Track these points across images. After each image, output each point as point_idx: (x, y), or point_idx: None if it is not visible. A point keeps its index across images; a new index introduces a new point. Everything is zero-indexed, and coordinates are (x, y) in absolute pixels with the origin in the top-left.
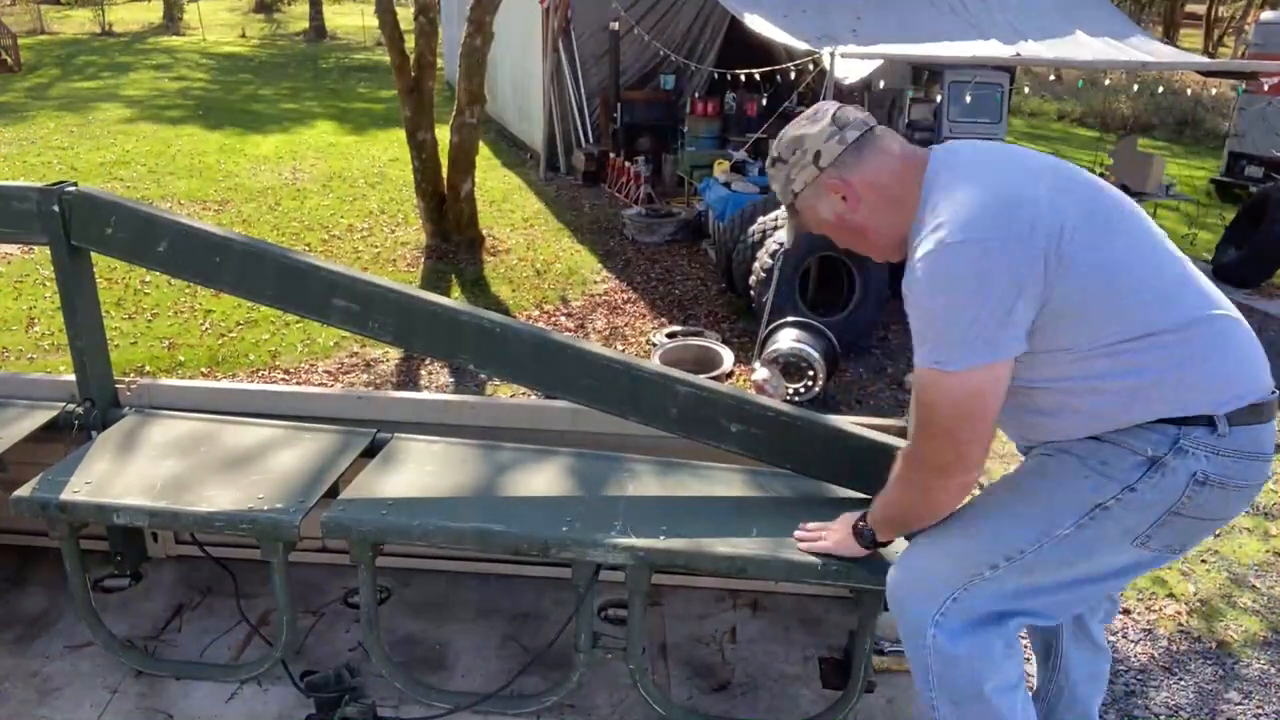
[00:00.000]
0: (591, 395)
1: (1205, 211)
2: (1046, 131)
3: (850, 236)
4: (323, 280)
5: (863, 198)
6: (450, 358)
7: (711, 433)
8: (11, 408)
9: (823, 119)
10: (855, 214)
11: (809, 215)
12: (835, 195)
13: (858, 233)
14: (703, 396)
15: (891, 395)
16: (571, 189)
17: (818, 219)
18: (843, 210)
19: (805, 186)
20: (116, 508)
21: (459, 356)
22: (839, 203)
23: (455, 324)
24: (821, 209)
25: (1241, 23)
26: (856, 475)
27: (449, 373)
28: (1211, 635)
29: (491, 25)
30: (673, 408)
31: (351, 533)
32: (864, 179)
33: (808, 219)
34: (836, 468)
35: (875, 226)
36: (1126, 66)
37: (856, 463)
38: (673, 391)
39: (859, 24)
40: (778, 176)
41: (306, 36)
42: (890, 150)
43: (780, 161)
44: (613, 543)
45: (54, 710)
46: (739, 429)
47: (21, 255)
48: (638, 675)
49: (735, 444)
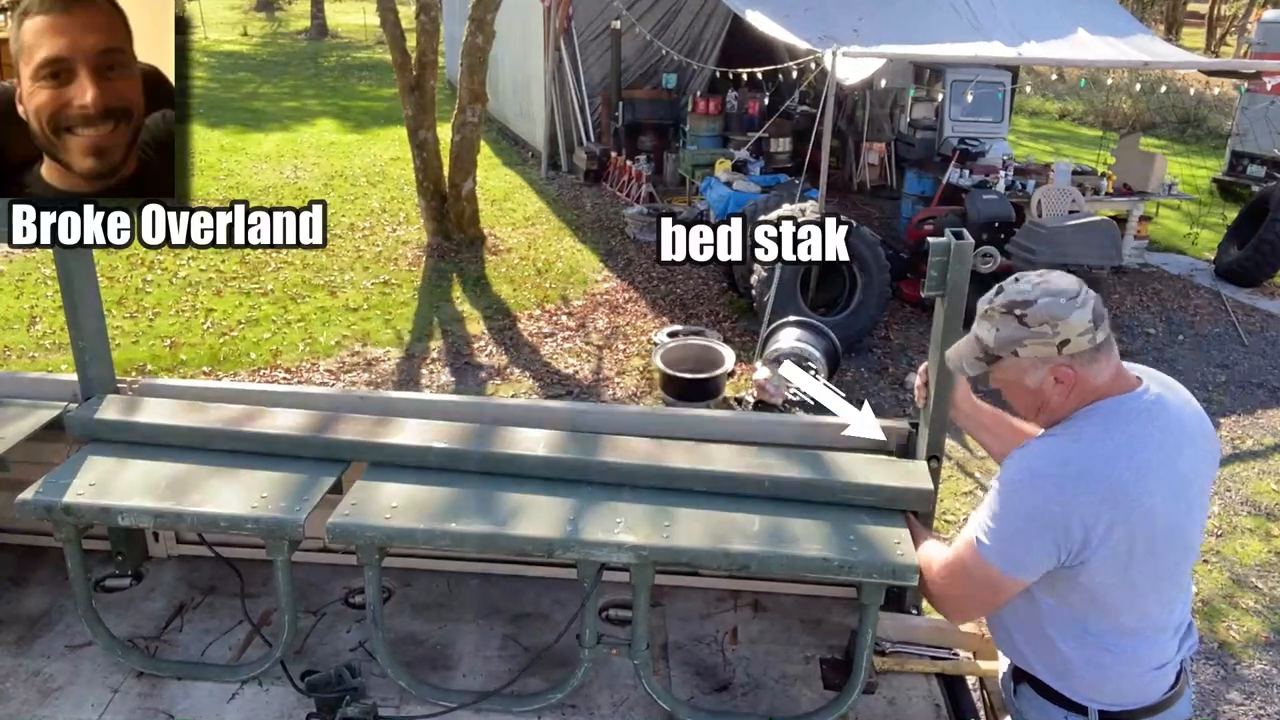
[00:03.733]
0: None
1: (1207, 210)
2: (1049, 131)
3: (1025, 398)
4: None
5: (1073, 389)
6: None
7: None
8: (13, 407)
9: (1084, 308)
10: (1054, 394)
11: (1009, 374)
12: (1046, 377)
13: (1039, 401)
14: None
15: (892, 394)
16: (573, 188)
17: (1012, 380)
18: (1049, 389)
19: (1033, 360)
20: (120, 509)
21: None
22: (1051, 383)
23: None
24: (1029, 379)
25: (1244, 22)
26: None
27: (450, 372)
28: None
29: (493, 24)
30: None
31: (358, 538)
32: (1086, 376)
33: (1002, 375)
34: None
35: (1058, 405)
36: (1129, 65)
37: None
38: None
39: (861, 23)
40: (1005, 331)
41: (308, 34)
42: (1112, 358)
43: (1020, 323)
44: (617, 542)
45: (55, 710)
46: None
47: (23, 255)
48: (642, 671)
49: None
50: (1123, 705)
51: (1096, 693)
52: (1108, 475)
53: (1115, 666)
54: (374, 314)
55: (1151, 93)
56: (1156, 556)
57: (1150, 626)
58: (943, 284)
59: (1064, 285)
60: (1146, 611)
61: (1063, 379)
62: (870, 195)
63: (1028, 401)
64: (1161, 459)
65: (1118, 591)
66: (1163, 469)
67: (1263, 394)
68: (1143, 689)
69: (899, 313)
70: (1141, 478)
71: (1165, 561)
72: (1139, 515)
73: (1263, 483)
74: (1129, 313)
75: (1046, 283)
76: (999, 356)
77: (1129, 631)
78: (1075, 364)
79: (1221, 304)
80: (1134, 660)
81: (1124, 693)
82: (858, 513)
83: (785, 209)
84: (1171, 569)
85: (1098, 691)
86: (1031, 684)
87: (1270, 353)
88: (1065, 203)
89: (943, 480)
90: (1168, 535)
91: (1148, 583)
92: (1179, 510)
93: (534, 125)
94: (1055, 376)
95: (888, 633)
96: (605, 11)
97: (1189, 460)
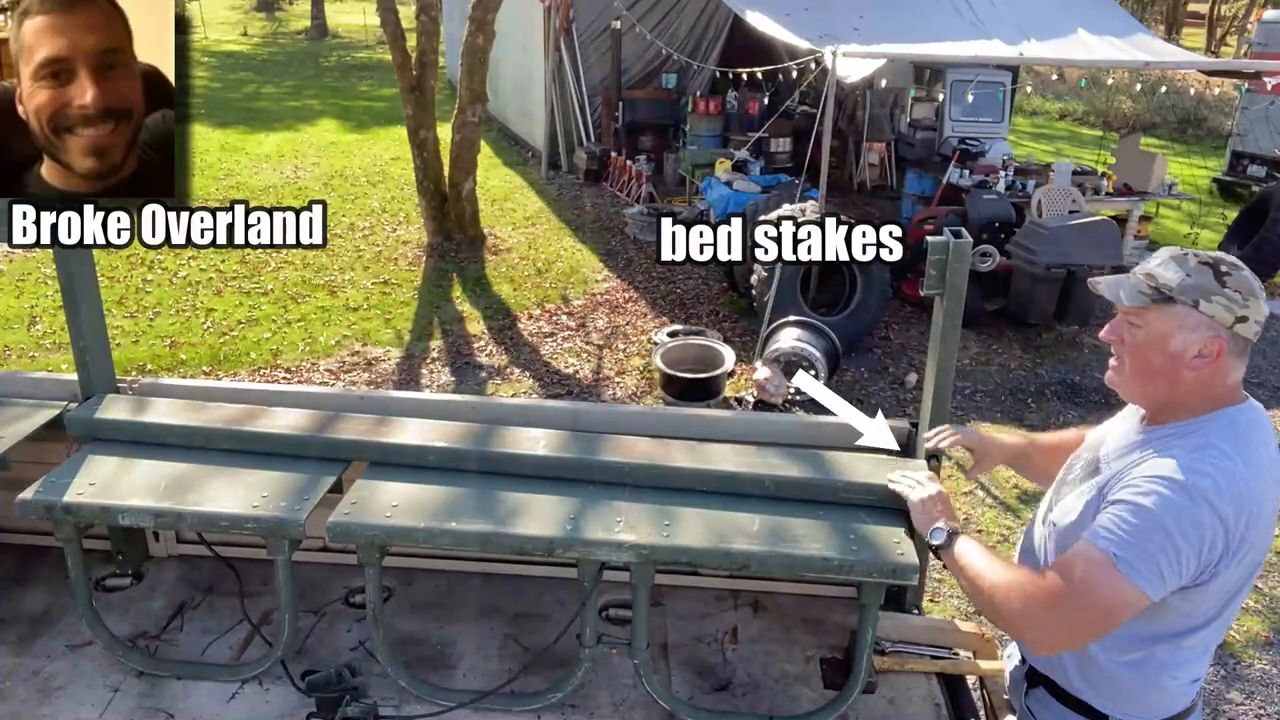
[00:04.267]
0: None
1: (1207, 210)
2: (1049, 130)
3: (1154, 359)
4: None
5: (1206, 368)
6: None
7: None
8: (14, 406)
9: (1267, 308)
10: (1189, 368)
11: (1164, 324)
12: (1200, 345)
13: (1169, 367)
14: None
15: (893, 395)
16: (573, 188)
17: (1161, 332)
18: (1189, 359)
19: (1204, 320)
20: (121, 509)
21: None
22: (1195, 353)
23: None
24: (1179, 340)
25: (1244, 22)
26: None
27: (450, 371)
28: None
29: (493, 24)
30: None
31: (358, 537)
32: (1226, 367)
33: (1154, 323)
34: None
35: (1181, 383)
36: (1129, 65)
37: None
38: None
39: (861, 22)
40: (1199, 279)
41: (308, 35)
42: (1243, 366)
43: (1218, 278)
44: (617, 541)
45: (56, 709)
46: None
47: (23, 255)
48: (642, 670)
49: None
50: (1148, 716)
51: (1128, 704)
52: (1261, 496)
53: (1162, 681)
54: (374, 314)
55: (1152, 93)
56: (1247, 581)
57: (1204, 645)
58: (942, 283)
59: (1256, 279)
60: (1213, 634)
61: (1208, 354)
62: (870, 195)
63: (1154, 364)
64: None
65: (1206, 613)
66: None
67: (1263, 394)
68: (1173, 700)
69: (899, 313)
70: (1275, 500)
71: (1249, 585)
72: (1266, 540)
73: None
74: None
75: (1243, 265)
76: (1173, 300)
77: (1187, 648)
78: (1231, 346)
79: None
80: (1176, 674)
81: (1152, 706)
82: (858, 512)
83: (785, 209)
84: (1243, 590)
85: (1131, 703)
86: (1048, 687)
87: (1270, 353)
88: (1065, 203)
89: (943, 480)
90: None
91: (1231, 607)
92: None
93: (534, 125)
94: (1204, 348)
95: (888, 632)
96: (605, 11)
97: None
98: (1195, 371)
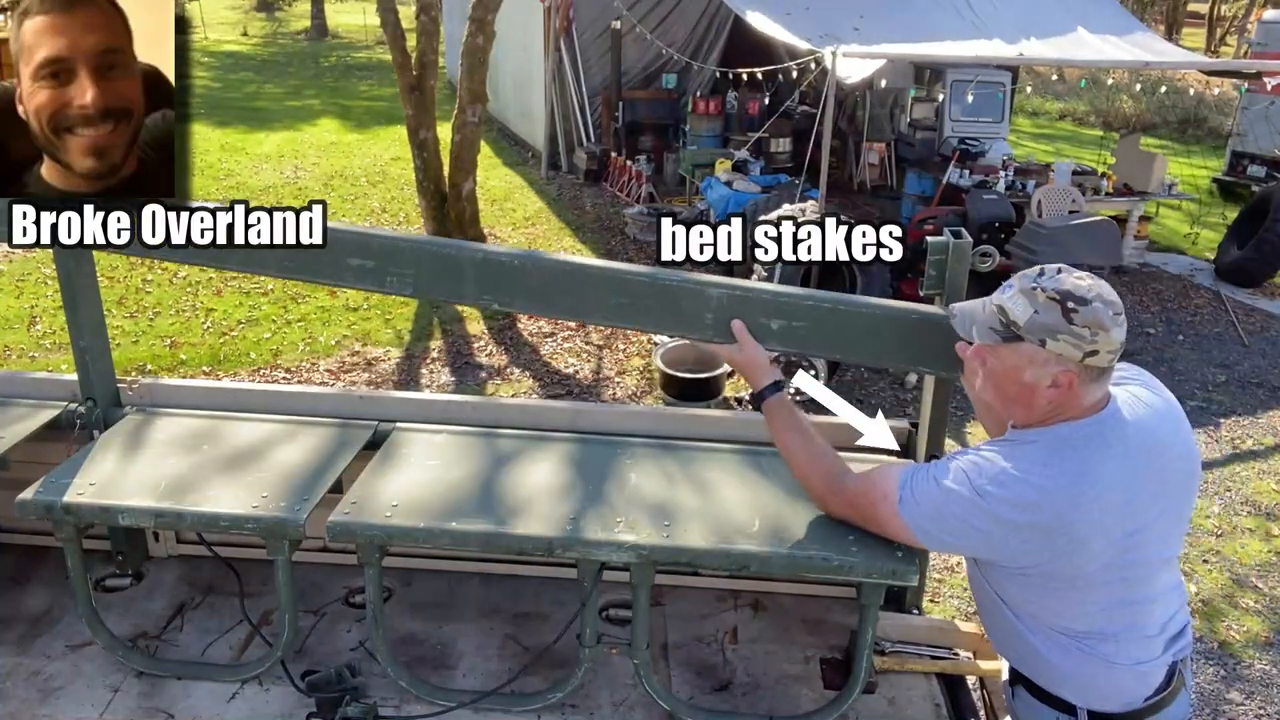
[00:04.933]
0: (623, 314)
1: (1208, 211)
2: (1050, 130)
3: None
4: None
5: (1061, 396)
6: (473, 300)
7: (755, 334)
8: (14, 407)
9: (1121, 329)
10: (1044, 396)
11: (1014, 359)
12: (1050, 379)
13: (1025, 398)
14: (738, 295)
15: (892, 394)
16: (573, 188)
17: (1013, 366)
18: (1043, 390)
19: (1053, 356)
20: (121, 509)
21: (482, 298)
22: (1046, 384)
23: (471, 264)
24: (1031, 373)
25: (1244, 22)
26: (905, 351)
27: (450, 372)
28: (1213, 635)
29: (493, 24)
30: (708, 313)
31: (358, 537)
32: (1081, 393)
33: (1005, 358)
34: (883, 348)
35: (1033, 409)
36: (1129, 65)
37: (903, 338)
38: (706, 296)
39: (861, 22)
40: (1046, 317)
41: (308, 35)
42: (1107, 382)
43: (1065, 316)
44: (617, 541)
45: (56, 709)
46: (780, 325)
47: (23, 255)
48: (642, 670)
49: (779, 342)
50: (1107, 707)
51: (1085, 693)
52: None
53: (1089, 665)
54: (374, 314)
55: (1152, 93)
56: (1112, 576)
57: (1126, 631)
58: (942, 283)
59: (1113, 298)
60: (1113, 620)
61: (1061, 384)
62: (870, 195)
63: (1012, 393)
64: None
65: (1074, 606)
66: (1111, 495)
67: (1263, 394)
68: (1126, 688)
69: None
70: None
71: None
72: (1076, 546)
73: (1263, 483)
74: (1129, 312)
75: (1100, 287)
76: (1021, 338)
77: (1104, 636)
78: (1082, 376)
79: (1222, 304)
80: (1113, 659)
81: (1105, 693)
82: None
83: (785, 209)
84: (1140, 582)
85: (1082, 692)
86: (1025, 686)
87: (1270, 353)
88: (1065, 203)
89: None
90: (1123, 554)
91: (1109, 598)
92: (1138, 527)
93: (534, 125)
94: (1056, 380)
95: (888, 633)
96: (606, 12)
97: (1155, 472)
98: (1052, 397)
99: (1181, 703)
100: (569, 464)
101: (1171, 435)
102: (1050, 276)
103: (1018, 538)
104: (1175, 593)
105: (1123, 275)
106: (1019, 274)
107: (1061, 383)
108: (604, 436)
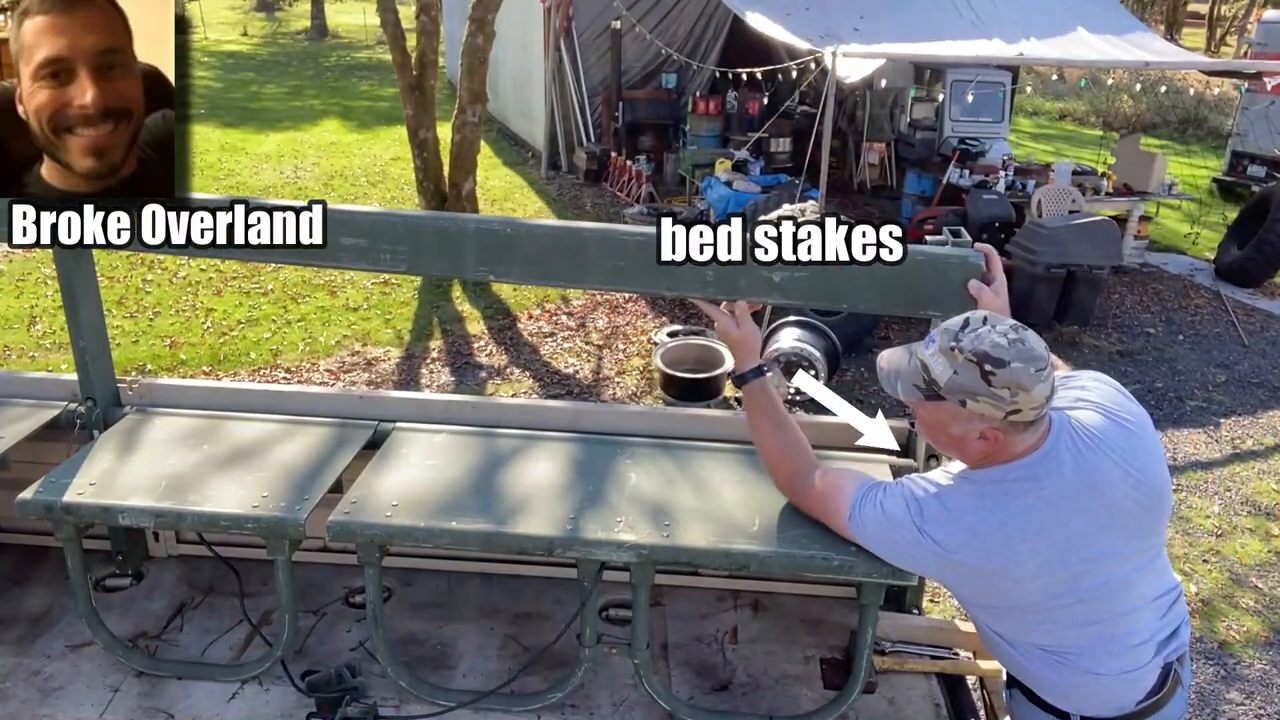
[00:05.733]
0: (619, 277)
1: (1207, 211)
2: (1050, 130)
3: (941, 441)
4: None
5: (992, 450)
6: (468, 273)
7: (756, 289)
8: (13, 406)
9: (1045, 383)
10: (973, 448)
11: (939, 416)
12: (978, 433)
13: (955, 449)
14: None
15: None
16: (573, 188)
17: (938, 421)
18: (971, 442)
19: (975, 414)
20: (121, 509)
21: (478, 270)
22: (974, 436)
23: (464, 235)
24: (957, 428)
25: (1244, 22)
26: (913, 298)
27: (450, 372)
28: (1213, 635)
29: (493, 24)
30: (708, 271)
31: (358, 537)
32: (1011, 444)
33: (931, 414)
34: (891, 297)
35: (969, 455)
36: (1129, 65)
37: (911, 287)
38: None
39: (861, 22)
40: (964, 379)
41: (308, 35)
42: (1041, 427)
43: (983, 378)
44: (617, 540)
45: (56, 709)
46: (783, 277)
47: (23, 255)
48: (642, 670)
49: (783, 295)
50: (1100, 712)
51: (1070, 701)
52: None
53: (1074, 677)
54: (374, 314)
55: (1152, 93)
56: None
57: (1104, 644)
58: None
59: (1037, 352)
60: (1085, 637)
61: (989, 438)
62: (870, 195)
63: (943, 442)
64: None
65: (1035, 627)
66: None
67: (1263, 394)
68: (1115, 696)
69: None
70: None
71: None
72: (1011, 584)
73: (1263, 483)
74: (1129, 313)
75: (1021, 344)
76: (942, 398)
77: (1081, 651)
78: (1008, 431)
79: (1222, 304)
80: (1096, 669)
81: (1094, 702)
82: None
83: (785, 209)
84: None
85: (1070, 700)
86: (1021, 689)
87: (1270, 353)
88: (1065, 203)
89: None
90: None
91: (1071, 620)
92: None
93: (534, 125)
94: (983, 435)
95: (888, 632)
96: (605, 12)
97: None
98: (982, 449)
99: (1178, 702)
100: (569, 464)
101: (1120, 467)
102: (971, 332)
103: (955, 573)
104: (1165, 598)
105: (1123, 275)
106: (942, 326)
107: (989, 436)
108: (604, 436)
